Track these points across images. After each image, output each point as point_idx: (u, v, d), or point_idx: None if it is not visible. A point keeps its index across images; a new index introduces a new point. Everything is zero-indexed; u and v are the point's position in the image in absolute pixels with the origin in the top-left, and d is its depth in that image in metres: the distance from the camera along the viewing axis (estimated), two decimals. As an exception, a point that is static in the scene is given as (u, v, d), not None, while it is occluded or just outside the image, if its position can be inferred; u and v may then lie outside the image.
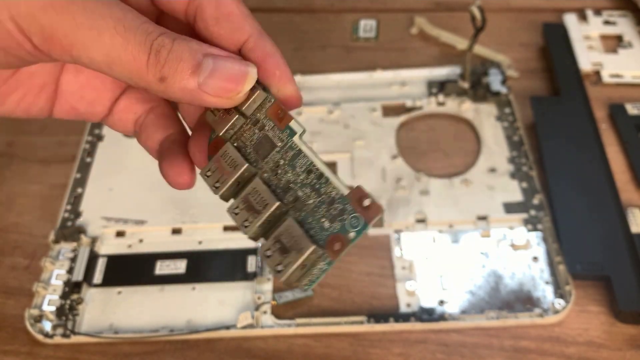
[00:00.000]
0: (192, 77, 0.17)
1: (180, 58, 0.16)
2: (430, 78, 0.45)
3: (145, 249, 0.36)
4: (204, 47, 0.17)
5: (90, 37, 0.16)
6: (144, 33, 0.16)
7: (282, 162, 0.18)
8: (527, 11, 0.51)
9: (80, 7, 0.16)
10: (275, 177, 0.18)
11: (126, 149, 0.42)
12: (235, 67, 0.17)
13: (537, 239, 0.35)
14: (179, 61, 0.16)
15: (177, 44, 0.17)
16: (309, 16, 0.52)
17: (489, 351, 0.31)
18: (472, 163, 0.40)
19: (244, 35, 0.18)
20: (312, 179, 0.18)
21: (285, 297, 0.33)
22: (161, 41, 0.16)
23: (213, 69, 0.17)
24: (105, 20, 0.16)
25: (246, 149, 0.19)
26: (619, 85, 0.44)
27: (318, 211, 0.17)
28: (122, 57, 0.16)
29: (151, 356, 0.32)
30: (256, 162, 0.18)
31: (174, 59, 0.16)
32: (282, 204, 0.18)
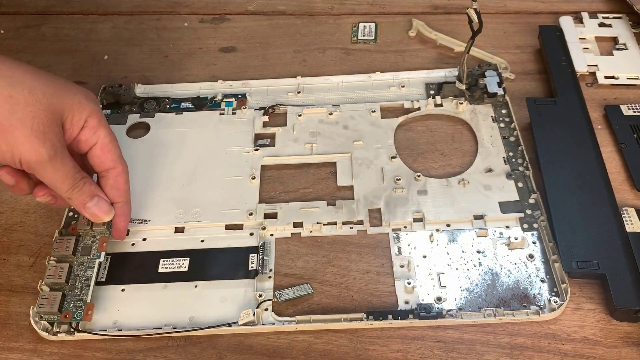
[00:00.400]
0: (84, 201, 0.34)
1: (83, 192, 0.33)
2: (428, 80, 0.46)
3: (149, 247, 0.37)
4: (97, 190, 0.34)
5: (50, 175, 0.32)
6: (72, 179, 0.33)
7: (84, 264, 0.35)
8: (524, 14, 0.52)
9: (51, 163, 0.31)
10: (76, 267, 0.35)
11: (129, 149, 0.42)
12: (105, 206, 0.34)
13: (533, 238, 0.36)
14: (82, 194, 0.33)
15: (85, 186, 0.33)
16: (309, 19, 0.53)
17: (485, 348, 0.32)
18: (469, 163, 0.40)
19: (117, 200, 0.35)
20: (84, 282, 0.34)
21: (285, 294, 0.34)
22: (78, 184, 0.33)
23: (95, 203, 0.34)
24: (58, 172, 0.32)
25: (80, 242, 0.36)
26: (614, 87, 0.45)
27: (73, 297, 0.34)
28: (58, 186, 0.32)
29: (154, 352, 0.32)
30: (76, 254, 0.35)
31: (80, 192, 0.33)
32: (65, 282, 0.34)
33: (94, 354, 0.33)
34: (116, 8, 0.55)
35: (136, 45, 0.51)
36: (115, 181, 0.35)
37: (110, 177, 0.35)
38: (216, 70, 0.49)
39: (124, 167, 0.35)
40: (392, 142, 0.42)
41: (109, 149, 0.34)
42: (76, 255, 0.35)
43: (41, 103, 0.31)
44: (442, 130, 0.43)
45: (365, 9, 0.53)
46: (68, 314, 0.33)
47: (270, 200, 0.39)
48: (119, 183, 0.35)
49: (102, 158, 0.34)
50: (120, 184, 0.35)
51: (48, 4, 0.56)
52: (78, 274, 0.34)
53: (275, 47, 0.50)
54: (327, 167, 0.41)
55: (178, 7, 0.55)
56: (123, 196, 0.35)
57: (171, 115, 0.44)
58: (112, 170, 0.34)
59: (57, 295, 0.33)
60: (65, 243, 0.35)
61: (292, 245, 0.37)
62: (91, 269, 0.35)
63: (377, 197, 0.38)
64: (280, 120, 0.44)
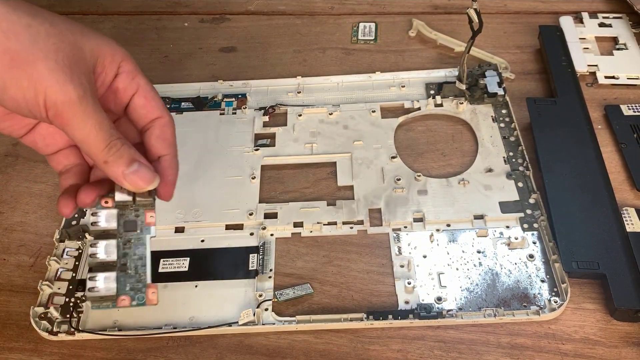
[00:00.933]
0: (122, 168, 0.27)
1: (121, 155, 0.27)
2: (428, 80, 0.46)
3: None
4: (137, 155, 0.28)
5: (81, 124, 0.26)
6: (108, 134, 0.27)
7: (132, 241, 0.29)
8: (524, 14, 0.52)
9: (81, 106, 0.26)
10: (123, 245, 0.29)
11: (129, 149, 0.42)
12: (148, 174, 0.28)
13: (533, 238, 0.36)
14: (119, 157, 0.27)
15: (123, 147, 0.27)
16: (310, 19, 0.53)
17: (486, 348, 0.32)
18: (469, 163, 0.40)
19: (165, 153, 0.29)
20: (138, 261, 0.28)
21: (286, 294, 0.34)
22: (115, 142, 0.27)
23: (136, 170, 0.27)
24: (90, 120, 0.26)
25: (120, 218, 0.29)
26: (614, 87, 0.45)
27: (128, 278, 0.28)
28: (91, 142, 0.26)
29: (154, 352, 0.32)
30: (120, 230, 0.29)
31: (117, 154, 0.27)
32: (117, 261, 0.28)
33: (94, 354, 0.32)
34: (116, 8, 0.55)
35: (136, 45, 0.51)
36: (162, 131, 0.29)
37: (156, 126, 0.29)
38: (216, 70, 0.49)
39: (170, 118, 0.30)
40: (392, 142, 0.42)
41: (153, 97, 0.29)
42: (118, 230, 0.28)
43: (66, 36, 0.26)
44: (442, 130, 0.43)
45: (365, 9, 0.53)
46: (126, 299, 0.27)
47: (270, 200, 0.39)
48: (167, 134, 0.29)
49: (147, 107, 0.29)
50: (167, 135, 0.29)
51: (48, 4, 0.56)
52: (127, 253, 0.28)
53: (275, 47, 0.50)
54: (327, 167, 0.41)
55: (178, 7, 0.55)
56: (170, 148, 0.30)
57: (171, 115, 0.44)
58: (159, 119, 0.29)
59: (110, 277, 0.27)
60: (103, 216, 0.28)
61: (292, 245, 0.37)
62: (142, 246, 0.28)
63: (377, 197, 0.38)
64: (280, 120, 0.44)
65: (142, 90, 0.29)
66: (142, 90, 0.29)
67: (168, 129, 0.30)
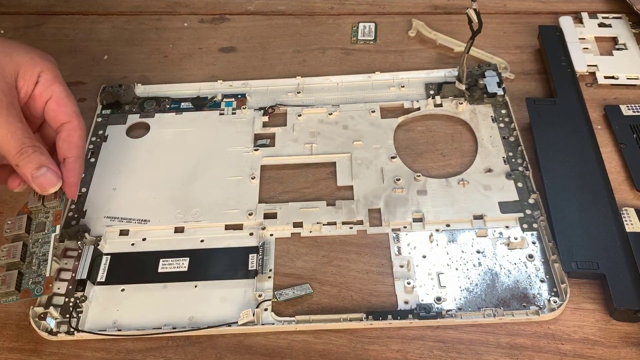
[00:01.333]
0: (30, 171, 0.32)
1: (30, 160, 0.32)
2: (427, 80, 0.46)
3: (148, 247, 0.37)
4: (47, 161, 0.32)
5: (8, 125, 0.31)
6: (19, 141, 0.32)
7: (39, 240, 0.34)
8: (523, 14, 0.52)
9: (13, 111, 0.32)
10: (31, 245, 0.34)
11: (129, 149, 0.42)
12: (52, 178, 0.33)
13: (533, 238, 0.36)
14: (29, 162, 0.32)
15: (33, 154, 0.32)
16: (309, 19, 0.53)
17: (485, 348, 0.32)
18: (468, 163, 0.40)
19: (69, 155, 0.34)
20: (41, 257, 0.33)
21: (285, 294, 0.34)
22: (26, 149, 0.32)
23: (43, 174, 0.32)
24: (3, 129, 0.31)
25: (33, 221, 0.35)
26: (614, 87, 0.45)
27: (31, 274, 0.33)
28: (4, 146, 0.32)
29: (154, 352, 0.32)
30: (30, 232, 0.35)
31: (27, 160, 0.32)
32: (20, 261, 0.33)
33: (93, 354, 0.33)
34: (116, 8, 0.55)
35: (136, 45, 0.51)
36: (68, 134, 0.34)
37: (64, 130, 0.34)
38: (216, 71, 0.49)
39: (79, 122, 0.34)
40: (391, 142, 0.42)
41: (64, 103, 0.34)
42: (30, 233, 0.34)
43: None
44: (442, 130, 0.43)
45: (365, 9, 0.53)
46: (27, 291, 0.32)
47: (270, 200, 0.39)
48: (72, 137, 0.34)
49: (56, 112, 0.34)
50: (73, 138, 0.34)
51: (48, 4, 0.56)
52: (34, 251, 0.33)
53: (275, 47, 0.50)
54: (327, 167, 0.41)
55: (178, 7, 0.55)
56: (74, 151, 0.34)
57: (171, 115, 0.44)
58: (67, 124, 0.34)
59: (12, 274, 0.32)
60: (16, 222, 0.34)
61: (292, 245, 0.37)
62: (47, 244, 0.33)
63: (377, 197, 0.38)
64: (280, 120, 0.44)
65: (56, 96, 0.34)
66: (56, 96, 0.34)
67: (75, 133, 0.34)
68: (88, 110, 0.46)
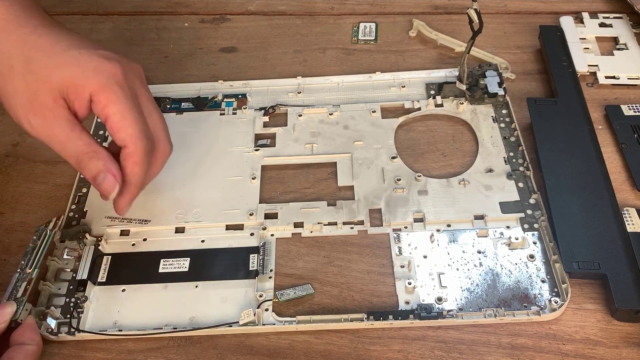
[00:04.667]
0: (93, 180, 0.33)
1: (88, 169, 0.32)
2: (428, 80, 0.46)
3: (149, 247, 0.37)
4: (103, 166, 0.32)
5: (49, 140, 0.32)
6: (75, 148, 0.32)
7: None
8: (524, 14, 0.52)
9: (40, 125, 0.32)
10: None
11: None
12: (110, 183, 0.32)
13: (534, 238, 0.36)
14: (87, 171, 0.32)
15: (90, 161, 0.32)
16: (310, 19, 0.53)
17: (486, 348, 0.32)
18: (469, 163, 0.40)
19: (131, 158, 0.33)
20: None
21: (286, 294, 0.34)
22: (82, 157, 0.32)
23: (102, 181, 0.32)
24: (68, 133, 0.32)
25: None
26: (615, 87, 0.45)
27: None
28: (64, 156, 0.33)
29: (155, 353, 0.32)
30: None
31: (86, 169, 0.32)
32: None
33: (94, 354, 0.32)
34: (116, 8, 0.55)
35: (136, 45, 0.51)
36: (124, 160, 0.32)
37: (122, 154, 0.32)
38: (216, 71, 0.49)
39: (135, 148, 0.32)
40: (392, 142, 0.42)
41: (119, 127, 0.32)
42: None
43: (37, 74, 0.31)
44: (443, 130, 0.43)
45: (366, 9, 0.53)
46: None
47: (270, 200, 0.39)
48: (126, 163, 0.32)
49: (113, 136, 0.32)
50: (127, 164, 0.32)
51: (48, 4, 0.56)
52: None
53: (275, 47, 0.50)
54: (328, 167, 0.41)
55: (178, 8, 0.55)
56: (129, 176, 0.33)
57: (172, 115, 0.44)
58: (124, 149, 0.32)
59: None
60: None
61: (293, 245, 0.37)
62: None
63: (378, 197, 0.38)
64: (280, 120, 0.44)
65: (110, 120, 0.32)
66: (110, 120, 0.32)
67: (129, 159, 0.32)
68: (88, 110, 0.46)
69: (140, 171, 0.33)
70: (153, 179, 0.35)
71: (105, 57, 0.32)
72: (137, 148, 0.32)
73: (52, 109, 0.31)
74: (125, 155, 0.32)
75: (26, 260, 0.35)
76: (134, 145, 0.32)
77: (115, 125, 0.32)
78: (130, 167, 0.32)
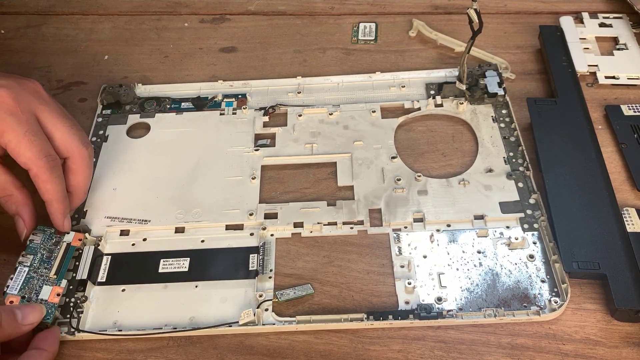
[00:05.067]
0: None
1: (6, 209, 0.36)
2: (428, 80, 0.46)
3: (149, 247, 0.37)
4: (16, 209, 0.35)
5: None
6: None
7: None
8: (524, 14, 0.52)
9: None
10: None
11: (130, 149, 0.42)
12: (19, 228, 0.36)
13: (534, 238, 0.36)
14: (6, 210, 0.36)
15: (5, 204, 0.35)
16: (310, 19, 0.53)
17: (486, 348, 0.32)
18: (469, 163, 0.40)
19: (43, 198, 0.35)
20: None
21: (286, 294, 0.34)
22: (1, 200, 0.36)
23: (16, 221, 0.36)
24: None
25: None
26: (615, 87, 0.45)
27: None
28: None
29: (154, 353, 0.32)
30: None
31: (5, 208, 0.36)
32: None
33: (94, 354, 0.32)
34: (116, 8, 0.55)
35: (136, 46, 0.51)
36: (34, 182, 0.34)
37: (31, 177, 0.34)
38: (216, 71, 0.49)
39: (37, 167, 0.33)
40: (392, 142, 0.42)
41: (17, 152, 0.33)
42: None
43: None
44: (443, 130, 0.43)
45: (366, 9, 0.53)
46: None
47: (270, 200, 0.39)
48: (37, 184, 0.34)
49: (17, 161, 0.34)
50: (38, 186, 0.34)
51: (48, 4, 0.56)
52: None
53: (275, 47, 0.50)
54: (328, 167, 0.41)
55: (178, 8, 0.55)
56: (45, 196, 0.34)
57: (171, 115, 0.44)
58: (29, 172, 0.34)
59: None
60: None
61: (293, 245, 0.37)
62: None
63: (378, 197, 0.38)
64: (280, 120, 0.44)
65: (8, 148, 0.33)
66: (8, 148, 0.33)
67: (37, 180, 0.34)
68: (88, 110, 0.46)
69: (53, 187, 0.34)
70: (87, 185, 0.37)
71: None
72: (39, 168, 0.33)
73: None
74: (33, 177, 0.34)
75: (37, 261, 0.35)
76: (35, 167, 0.33)
77: (13, 151, 0.33)
78: (43, 186, 0.34)
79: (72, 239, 0.36)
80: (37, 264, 0.35)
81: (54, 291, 0.33)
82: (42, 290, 0.33)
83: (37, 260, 0.35)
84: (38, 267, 0.34)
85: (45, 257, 0.35)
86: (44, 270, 0.34)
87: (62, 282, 0.34)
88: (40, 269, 0.34)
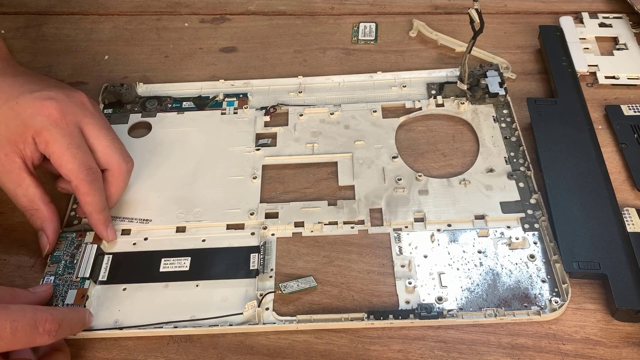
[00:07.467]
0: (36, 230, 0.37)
1: (32, 223, 0.36)
2: (429, 80, 0.46)
3: (150, 246, 0.37)
4: (41, 225, 0.36)
5: (7, 189, 0.35)
6: (21, 204, 0.36)
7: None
8: (524, 14, 0.52)
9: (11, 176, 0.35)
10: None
11: (131, 149, 0.42)
12: (42, 244, 0.36)
13: (534, 238, 0.36)
14: (32, 224, 0.37)
15: (31, 218, 0.36)
16: (310, 19, 0.53)
17: (486, 348, 0.32)
18: (470, 163, 0.40)
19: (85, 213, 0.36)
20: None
21: (290, 287, 0.34)
22: (28, 213, 0.36)
23: (39, 236, 0.36)
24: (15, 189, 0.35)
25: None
26: (615, 87, 0.45)
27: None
28: (13, 201, 0.36)
29: (154, 352, 0.32)
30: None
31: (31, 222, 0.37)
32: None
33: (94, 354, 0.32)
34: (116, 8, 0.55)
35: (137, 46, 0.51)
36: (75, 193, 0.35)
37: (72, 189, 0.35)
38: (216, 71, 0.49)
39: (77, 179, 0.34)
40: (393, 142, 0.42)
41: (59, 164, 0.34)
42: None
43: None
44: (443, 130, 0.43)
45: (366, 9, 0.54)
46: None
47: (271, 199, 0.39)
48: (77, 195, 0.35)
49: (60, 172, 0.34)
50: (78, 197, 0.35)
51: (49, 4, 0.56)
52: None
53: (275, 47, 0.50)
54: (328, 167, 0.41)
55: (178, 7, 0.55)
56: (85, 207, 0.35)
57: (173, 114, 0.44)
58: (70, 183, 0.35)
59: None
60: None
61: (293, 245, 0.37)
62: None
63: (378, 197, 0.38)
64: (281, 120, 0.44)
65: (52, 159, 0.34)
66: (52, 159, 0.34)
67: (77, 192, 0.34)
68: (89, 110, 0.46)
69: (93, 199, 0.35)
70: (119, 196, 0.37)
71: (42, 98, 0.34)
72: (79, 181, 0.34)
73: (4, 164, 0.34)
74: (73, 189, 0.34)
75: (61, 267, 0.35)
76: (76, 179, 0.34)
77: (56, 162, 0.34)
78: (83, 199, 0.35)
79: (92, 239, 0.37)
80: (61, 270, 0.35)
81: (79, 294, 0.34)
82: (67, 295, 0.34)
83: (62, 267, 0.35)
84: (62, 274, 0.35)
85: (69, 263, 0.35)
86: (67, 275, 0.35)
87: (86, 282, 0.34)
88: (64, 274, 0.35)
